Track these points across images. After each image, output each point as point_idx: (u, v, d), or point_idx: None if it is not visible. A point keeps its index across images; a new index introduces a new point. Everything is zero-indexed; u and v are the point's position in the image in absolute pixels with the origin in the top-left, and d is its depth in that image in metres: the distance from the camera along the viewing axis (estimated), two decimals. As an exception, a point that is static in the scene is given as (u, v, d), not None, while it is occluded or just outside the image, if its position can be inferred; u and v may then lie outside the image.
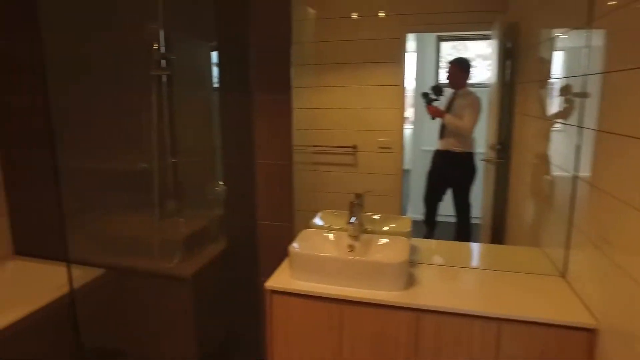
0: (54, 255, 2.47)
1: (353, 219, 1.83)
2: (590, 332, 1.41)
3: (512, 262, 1.89)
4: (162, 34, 2.01)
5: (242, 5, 1.97)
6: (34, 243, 2.57)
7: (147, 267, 2.15)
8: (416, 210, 2.29)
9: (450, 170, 2.19)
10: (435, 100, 2.10)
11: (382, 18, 2.08)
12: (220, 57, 2.05)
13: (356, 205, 1.87)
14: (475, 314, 1.51)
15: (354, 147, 2.21)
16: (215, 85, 2.06)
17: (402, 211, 2.25)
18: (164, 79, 2.00)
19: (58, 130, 2.07)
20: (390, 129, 2.18)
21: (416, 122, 2.23)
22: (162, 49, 2.00)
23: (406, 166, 2.27)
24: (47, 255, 2.50)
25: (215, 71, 2.05)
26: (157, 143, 2.03)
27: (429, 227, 2.24)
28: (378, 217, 2.10)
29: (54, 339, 2.07)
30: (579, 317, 1.44)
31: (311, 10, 2.09)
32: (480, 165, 2.12)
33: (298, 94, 2.07)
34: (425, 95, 2.11)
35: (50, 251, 2.47)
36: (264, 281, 1.74)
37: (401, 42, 2.10)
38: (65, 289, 2.13)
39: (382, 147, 2.20)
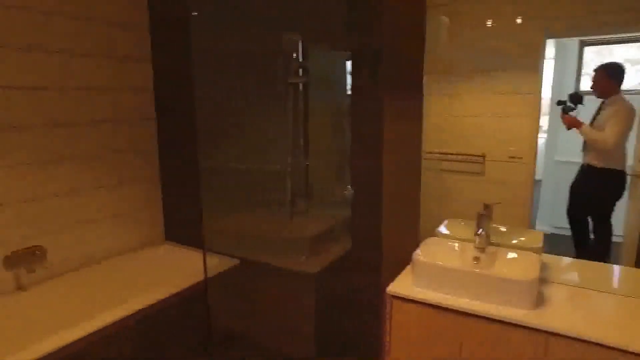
0: (196, 243, 2.79)
1: (480, 230, 1.80)
2: None
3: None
4: (300, 44, 2.16)
5: (376, 14, 2.03)
6: (181, 231, 2.94)
7: (276, 261, 2.32)
8: (545, 222, 2.16)
9: (589, 186, 2.02)
10: (573, 109, 1.96)
11: (519, 24, 2.00)
12: (353, 64, 2.14)
13: (484, 216, 1.82)
14: (620, 347, 1.38)
15: (483, 155, 2.15)
16: (348, 91, 2.15)
17: (532, 223, 2.14)
18: (300, 86, 2.15)
19: (203, 132, 2.33)
20: (522, 139, 2.07)
21: (550, 131, 2.11)
22: (300, 58, 2.14)
23: (537, 177, 2.15)
24: (192, 243, 2.83)
25: (347, 78, 2.15)
26: (291, 146, 2.18)
27: (576, 244, 2.07)
28: (506, 230, 2.03)
29: (190, 317, 2.33)
30: None
31: (445, 19, 2.08)
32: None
33: (426, 100, 2.08)
34: (561, 103, 1.97)
35: (194, 240, 2.80)
36: (385, 285, 1.78)
37: (539, 48, 1.98)
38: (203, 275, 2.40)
39: (512, 157, 2.10)
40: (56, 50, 2.32)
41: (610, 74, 1.89)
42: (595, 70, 1.93)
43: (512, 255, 1.82)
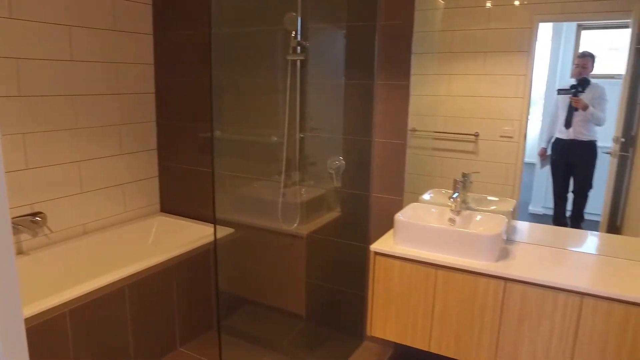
0: (192, 214, 3.28)
1: (455, 195, 2.27)
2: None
3: (616, 248, 2.18)
4: (299, 22, 2.61)
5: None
6: (176, 203, 3.42)
7: (271, 226, 2.81)
8: (538, 204, 2.54)
9: (575, 157, 2.45)
10: (582, 92, 2.39)
11: (514, 7, 2.35)
12: (348, 44, 2.60)
13: (459, 183, 2.29)
14: (560, 287, 1.86)
15: (476, 134, 2.53)
16: (343, 69, 2.62)
17: (526, 203, 2.52)
18: (298, 63, 2.60)
19: (201, 105, 2.77)
20: (513, 118, 2.46)
21: (545, 114, 2.48)
22: (299, 37, 2.60)
23: (532, 160, 2.56)
24: (186, 214, 3.32)
25: (343, 56, 2.61)
26: (288, 120, 2.64)
27: (555, 219, 2.48)
28: (485, 198, 2.47)
29: (193, 281, 2.80)
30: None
31: (440, 1, 2.51)
32: (603, 157, 2.36)
33: (421, 80, 2.50)
34: (572, 87, 2.38)
35: (190, 210, 3.28)
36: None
37: (532, 31, 2.35)
38: (201, 242, 2.88)
39: (503, 136, 2.49)
40: (68, 24, 2.76)
41: (593, 60, 2.35)
42: (584, 55, 2.37)
43: (483, 217, 2.28)
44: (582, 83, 2.34)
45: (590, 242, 2.36)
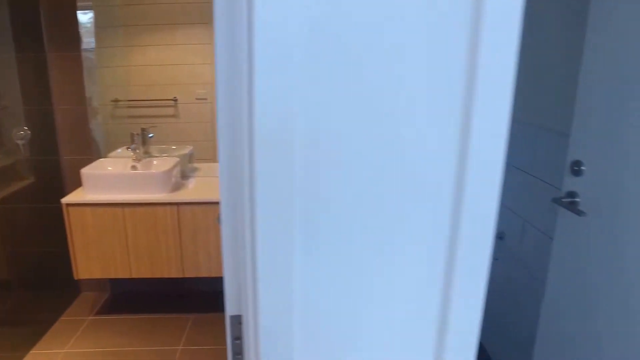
0: None
1: (132, 146, 2.76)
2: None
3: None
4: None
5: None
6: None
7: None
8: None
9: None
10: None
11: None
12: (13, 17, 2.80)
13: (136, 136, 2.79)
14: (209, 201, 2.54)
15: (175, 99, 2.95)
16: (12, 42, 2.83)
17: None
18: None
19: None
20: (206, 82, 2.94)
21: None
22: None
23: None
24: None
25: (10, 30, 2.82)
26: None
27: None
28: (169, 148, 3.01)
29: None
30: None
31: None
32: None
33: (117, 52, 2.83)
34: None
35: None
36: (68, 203, 2.60)
37: (210, 5, 2.89)
38: None
39: (199, 99, 2.95)
40: None
41: None
42: None
43: (159, 161, 2.83)
44: None
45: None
